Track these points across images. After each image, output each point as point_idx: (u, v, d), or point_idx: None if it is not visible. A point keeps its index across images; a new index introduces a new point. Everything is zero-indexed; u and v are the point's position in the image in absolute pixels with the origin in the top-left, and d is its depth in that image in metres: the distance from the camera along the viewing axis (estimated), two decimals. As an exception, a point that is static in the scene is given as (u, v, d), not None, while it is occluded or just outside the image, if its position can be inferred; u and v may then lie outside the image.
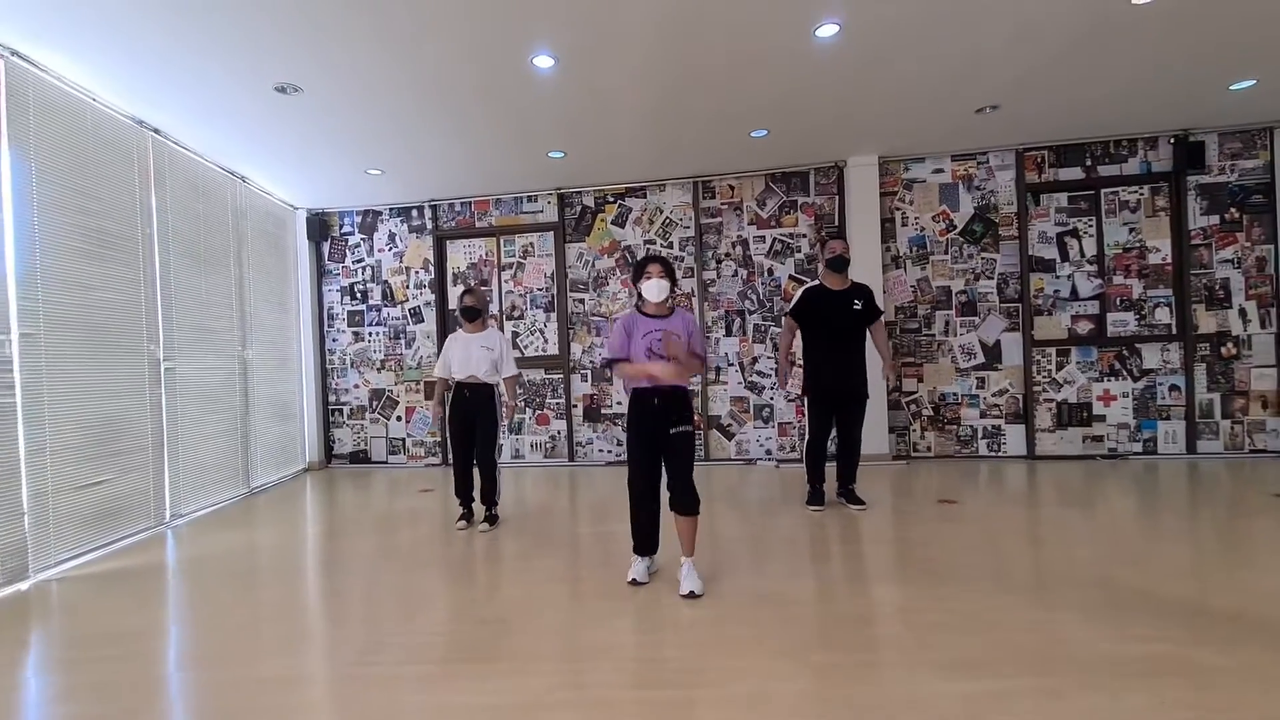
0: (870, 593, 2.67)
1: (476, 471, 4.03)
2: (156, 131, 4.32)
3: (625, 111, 4.38)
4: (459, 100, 4.07)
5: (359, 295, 6.52)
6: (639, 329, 2.82)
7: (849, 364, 3.94)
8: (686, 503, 2.76)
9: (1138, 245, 5.35)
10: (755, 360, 5.83)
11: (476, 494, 4.06)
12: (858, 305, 3.92)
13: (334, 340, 6.56)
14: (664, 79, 3.93)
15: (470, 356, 3.96)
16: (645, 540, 2.90)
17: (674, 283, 2.88)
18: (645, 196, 6.02)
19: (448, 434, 4.18)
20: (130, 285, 4.05)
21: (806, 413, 4.18)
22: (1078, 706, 1.77)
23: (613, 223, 6.07)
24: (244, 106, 4.03)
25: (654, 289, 2.82)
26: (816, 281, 4.10)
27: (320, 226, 6.44)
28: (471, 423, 3.99)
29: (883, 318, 4.11)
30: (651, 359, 2.77)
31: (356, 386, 6.52)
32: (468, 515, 4.03)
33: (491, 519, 3.99)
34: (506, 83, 3.86)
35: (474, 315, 4.03)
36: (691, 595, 2.65)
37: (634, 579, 2.84)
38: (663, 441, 2.80)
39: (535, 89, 3.96)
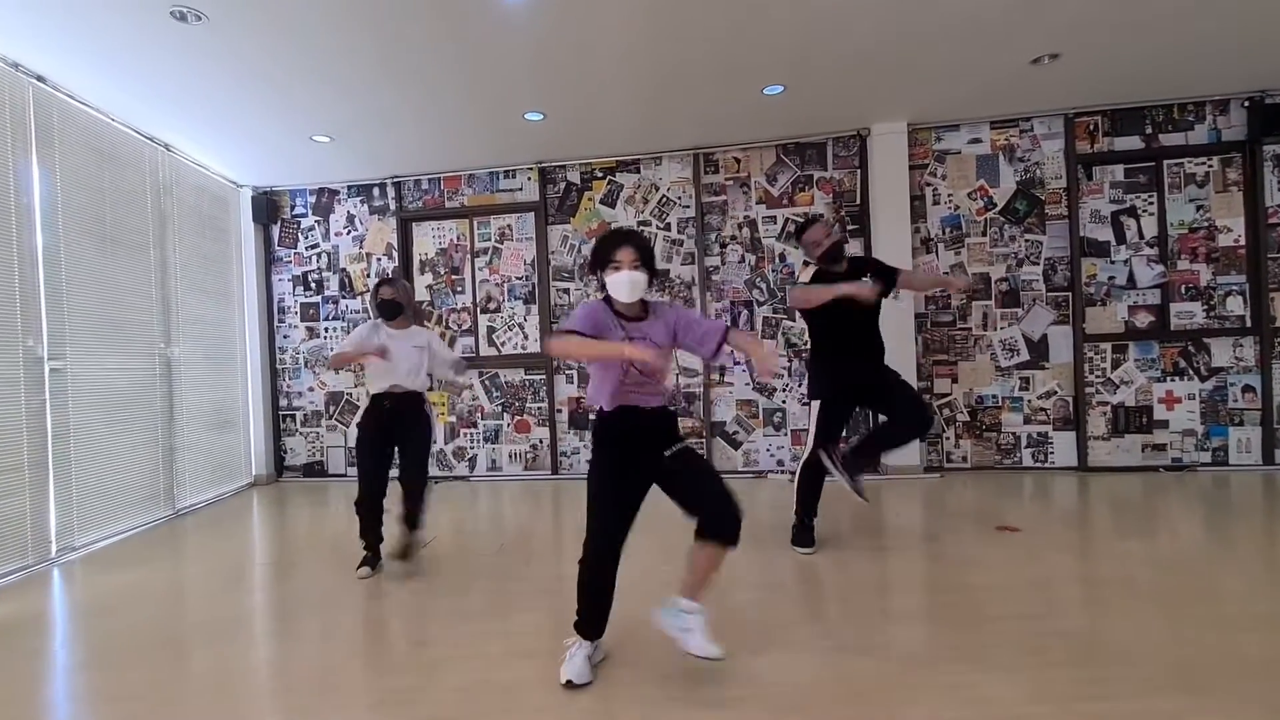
0: (952, 674, 1.92)
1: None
2: (40, 79, 3.52)
3: (613, 56, 3.62)
4: (403, 31, 3.28)
5: (313, 285, 5.73)
6: (612, 332, 1.97)
7: (867, 346, 3.16)
8: (728, 526, 1.94)
9: (1206, 225, 4.64)
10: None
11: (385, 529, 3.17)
12: (867, 280, 3.10)
13: (285, 337, 5.77)
14: (660, 14, 3.19)
15: (396, 362, 3.07)
16: (598, 618, 2.04)
17: (654, 272, 2.02)
18: (638, 171, 5.26)
19: (356, 455, 3.22)
20: (1, 267, 3.26)
21: (813, 421, 3.26)
22: None
23: (601, 201, 5.31)
24: (140, 43, 3.24)
25: (624, 285, 1.94)
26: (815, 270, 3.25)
27: (269, 207, 5.65)
28: (389, 441, 3.13)
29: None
30: (629, 376, 1.96)
31: (311, 389, 5.73)
32: (372, 560, 3.12)
33: (407, 547, 3.06)
34: (464, 8, 3.09)
35: (394, 312, 3.16)
36: (713, 659, 1.89)
37: (570, 680, 1.93)
38: (656, 472, 2.00)
39: (501, 20, 3.19)
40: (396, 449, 3.16)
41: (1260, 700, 1.73)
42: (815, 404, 3.25)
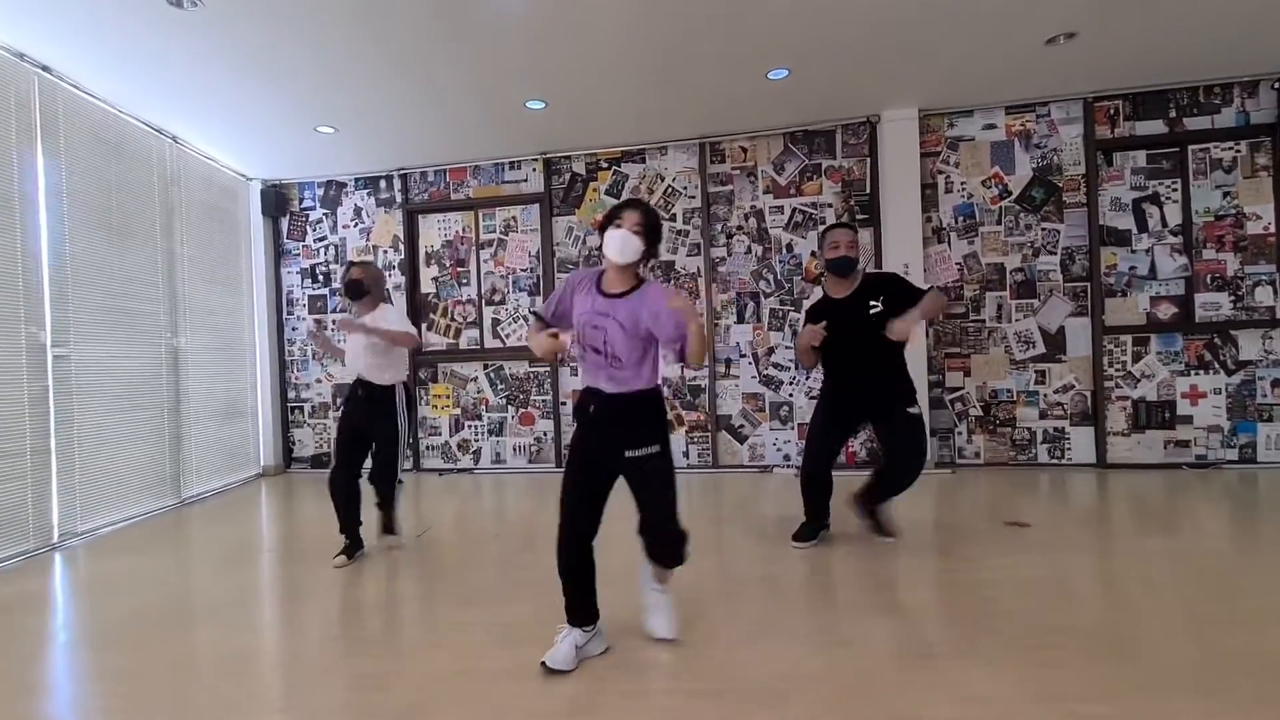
0: (947, 670, 1.83)
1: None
2: (46, 69, 3.56)
3: (612, 36, 3.55)
4: (396, 15, 3.24)
5: (321, 277, 5.75)
6: (584, 300, 1.96)
7: (878, 383, 2.90)
8: (663, 553, 1.99)
9: (1233, 212, 4.44)
10: (772, 350, 5.00)
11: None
12: (876, 306, 2.80)
13: (293, 329, 5.80)
14: (659, -9, 3.13)
15: (355, 349, 3.07)
16: (575, 601, 1.99)
17: (652, 244, 1.93)
18: (644, 162, 5.19)
19: (333, 440, 3.29)
20: (3, 254, 3.29)
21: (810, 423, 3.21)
22: None
23: (606, 192, 5.25)
24: (138, 31, 3.24)
25: (614, 242, 1.89)
26: (819, 294, 3.06)
27: (277, 200, 5.68)
28: (362, 434, 3.12)
29: (933, 289, 3.04)
30: (582, 351, 1.95)
31: (319, 381, 5.76)
32: (351, 549, 3.10)
33: (387, 524, 3.24)
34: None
35: (357, 293, 3.08)
36: (662, 640, 2.02)
37: (544, 661, 1.90)
38: (616, 468, 1.95)
39: (496, 2, 3.15)
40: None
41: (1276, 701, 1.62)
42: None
